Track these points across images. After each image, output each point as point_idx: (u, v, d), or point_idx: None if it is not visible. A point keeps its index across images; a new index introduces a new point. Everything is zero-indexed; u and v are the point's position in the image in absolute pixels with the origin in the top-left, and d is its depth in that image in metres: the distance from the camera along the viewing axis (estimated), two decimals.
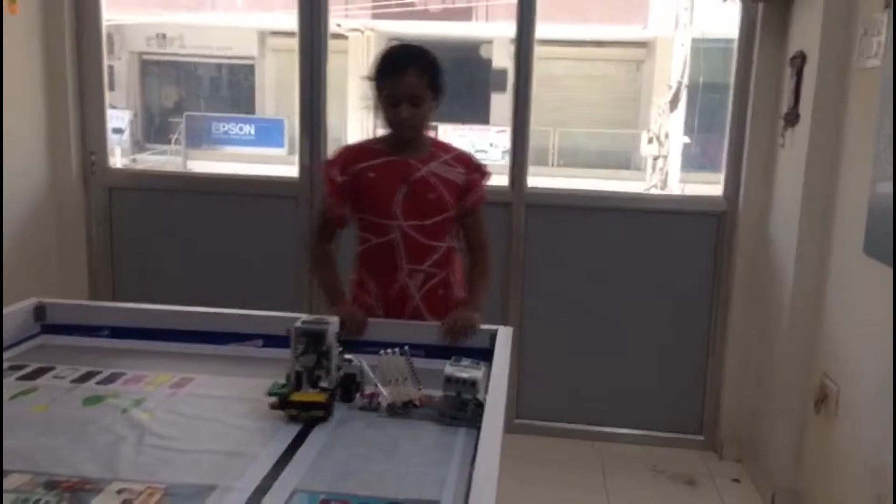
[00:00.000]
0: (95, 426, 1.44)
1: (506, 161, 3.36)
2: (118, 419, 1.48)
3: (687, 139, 8.39)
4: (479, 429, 1.46)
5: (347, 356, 1.60)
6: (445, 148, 2.11)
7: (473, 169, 2.11)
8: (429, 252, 2.06)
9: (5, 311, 1.93)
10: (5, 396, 1.57)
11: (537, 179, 3.24)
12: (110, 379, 1.69)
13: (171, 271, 3.35)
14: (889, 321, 2.10)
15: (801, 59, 2.68)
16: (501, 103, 5.00)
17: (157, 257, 3.37)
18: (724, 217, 3.10)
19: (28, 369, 1.72)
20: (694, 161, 3.76)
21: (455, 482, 1.28)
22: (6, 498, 1.17)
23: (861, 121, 2.38)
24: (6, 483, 1.21)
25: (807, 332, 2.67)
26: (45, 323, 1.99)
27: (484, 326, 1.94)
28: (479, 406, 1.53)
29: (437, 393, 1.56)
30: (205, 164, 3.96)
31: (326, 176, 2.07)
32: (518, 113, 3.13)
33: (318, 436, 1.44)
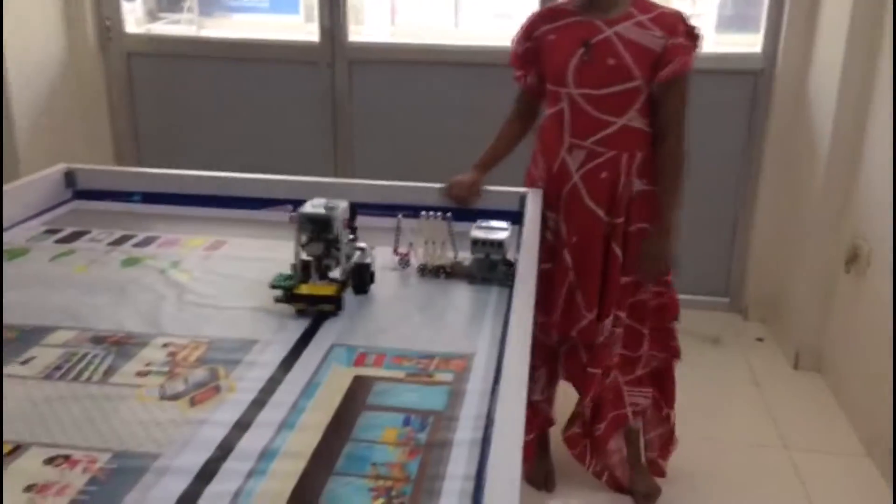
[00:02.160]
0: (136, 285, 1.47)
1: None
2: (157, 279, 1.51)
3: None
4: (510, 287, 1.48)
5: (360, 244, 1.48)
6: (647, 7, 1.79)
7: (676, 32, 1.76)
8: (596, 127, 1.81)
9: (33, 176, 1.95)
10: (44, 258, 1.60)
11: None
12: (145, 242, 1.71)
13: (193, 136, 3.33)
14: None
15: None
16: None
17: (179, 123, 3.34)
18: (761, 75, 2.98)
19: (64, 233, 1.75)
20: (730, 22, 3.57)
21: (489, 337, 1.30)
22: (56, 352, 1.21)
23: None
24: (53, 339, 1.25)
25: (841, 192, 2.63)
26: (76, 189, 2.00)
27: (512, 189, 1.92)
28: (509, 265, 1.54)
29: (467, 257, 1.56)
30: (218, 34, 3.85)
31: (513, 44, 1.93)
32: None
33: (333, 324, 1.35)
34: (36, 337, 1.25)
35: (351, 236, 1.45)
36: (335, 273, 1.39)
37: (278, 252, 1.62)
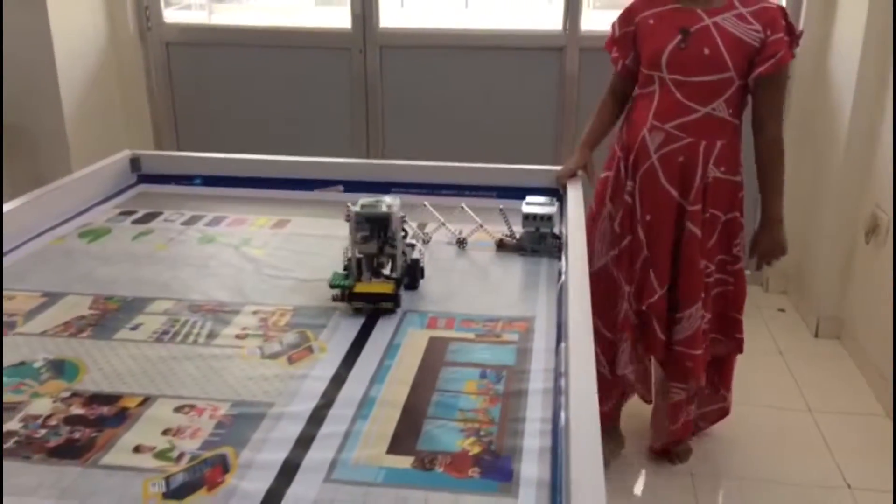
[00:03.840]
0: (216, 260, 1.60)
1: (541, 5, 3.34)
2: (234, 254, 1.64)
3: None
4: (558, 258, 1.60)
5: (410, 241, 1.51)
6: (748, 0, 1.82)
7: (777, 27, 1.79)
8: (679, 112, 1.86)
9: (102, 162, 2.07)
10: (127, 237, 1.73)
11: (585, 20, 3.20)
12: (215, 222, 1.84)
13: (230, 123, 3.45)
14: None
15: None
16: None
17: (216, 108, 3.46)
18: None
19: (138, 214, 1.88)
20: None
21: (546, 302, 1.43)
22: (160, 319, 1.34)
23: None
24: (154, 307, 1.38)
25: (861, 165, 2.73)
26: (140, 173, 2.13)
27: (552, 168, 2.03)
28: (556, 238, 1.67)
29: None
30: (229, 18, 3.93)
31: (612, 27, 2.00)
32: None
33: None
34: (138, 306, 1.38)
35: (402, 233, 1.46)
36: (386, 270, 1.40)
37: (339, 230, 1.74)
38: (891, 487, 2.12)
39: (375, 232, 1.37)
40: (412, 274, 1.46)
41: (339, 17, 3.38)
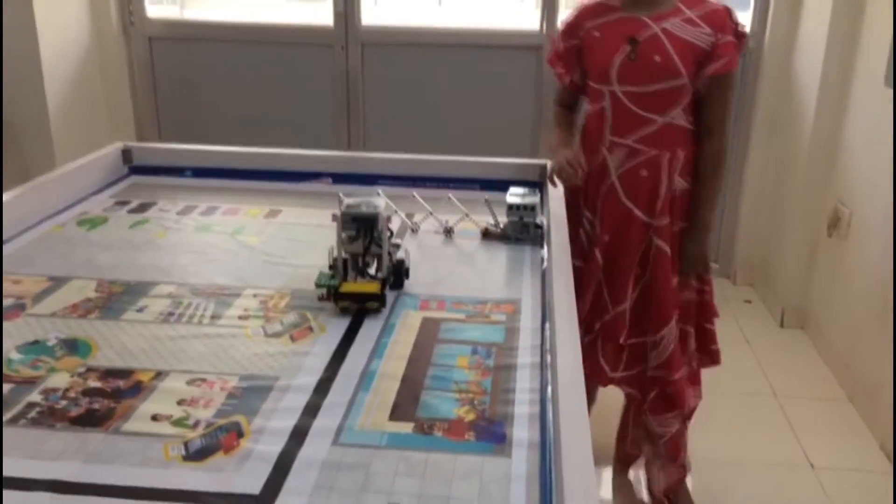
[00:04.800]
0: (213, 248, 1.67)
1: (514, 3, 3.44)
2: (230, 242, 1.70)
3: None
4: (540, 245, 1.69)
5: (396, 241, 1.53)
6: (694, 2, 1.76)
7: (725, 29, 1.73)
8: (638, 124, 1.78)
9: (95, 154, 2.12)
10: (124, 225, 1.78)
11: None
12: (209, 211, 1.90)
13: (212, 117, 3.50)
14: None
15: None
16: None
17: (198, 103, 3.51)
18: (751, 52, 3.20)
19: (133, 204, 1.93)
20: None
21: (530, 285, 1.52)
22: (164, 301, 1.40)
23: None
24: (157, 291, 1.45)
25: (824, 161, 2.86)
26: (132, 165, 2.18)
27: (533, 161, 2.12)
28: (538, 227, 1.75)
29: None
30: (202, 12, 3.94)
31: (553, 42, 1.92)
32: None
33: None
34: (141, 290, 1.45)
35: (388, 233, 1.47)
36: (372, 270, 1.42)
37: (329, 220, 1.80)
38: (851, 466, 2.25)
39: (362, 232, 1.39)
40: (397, 273, 1.48)
41: (316, 13, 3.44)
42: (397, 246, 1.52)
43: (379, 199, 1.46)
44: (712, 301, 1.99)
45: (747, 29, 1.79)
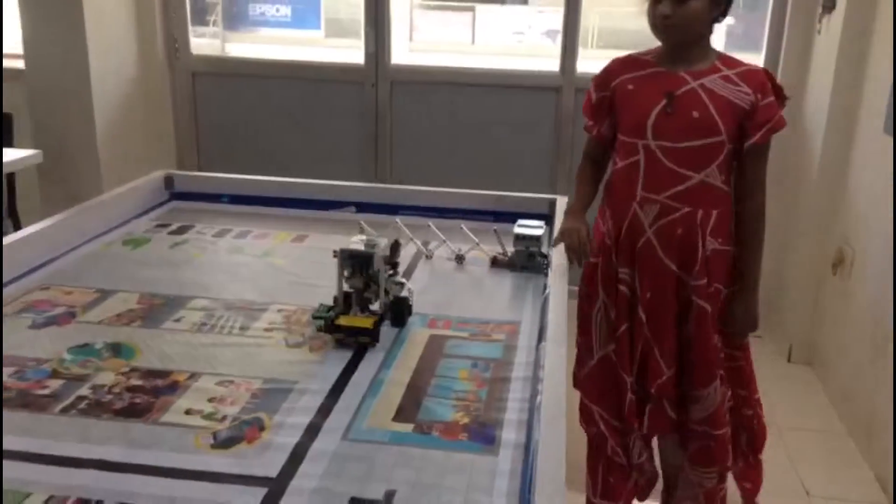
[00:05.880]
0: (244, 267, 1.83)
1: (545, 42, 3.61)
2: (259, 262, 1.87)
3: (731, 20, 8.36)
4: (545, 275, 1.83)
5: (399, 279, 1.57)
6: (733, 62, 1.73)
7: (765, 90, 1.69)
8: (672, 180, 1.71)
9: (140, 180, 2.31)
10: (164, 246, 1.96)
11: (580, 63, 3.46)
12: (241, 235, 2.07)
13: (249, 148, 3.69)
14: None
15: None
16: None
17: (236, 135, 3.71)
18: None
19: (173, 227, 2.11)
20: (736, 42, 3.90)
21: (531, 310, 1.65)
22: (199, 313, 1.56)
23: (891, 12, 2.57)
24: (193, 304, 1.61)
25: (829, 202, 2.96)
26: (173, 191, 2.36)
27: (540, 196, 2.26)
28: (544, 257, 1.89)
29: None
30: (242, 47, 4.16)
31: (587, 93, 1.86)
32: None
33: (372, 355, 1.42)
34: (180, 302, 1.61)
35: (391, 272, 1.52)
36: (375, 305, 1.49)
37: (350, 246, 1.97)
38: (848, 497, 2.32)
39: (358, 269, 1.46)
40: (398, 311, 1.52)
41: (350, 51, 3.64)
42: (401, 284, 1.56)
43: (383, 240, 1.52)
44: (750, 370, 1.95)
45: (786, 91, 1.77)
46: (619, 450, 1.89)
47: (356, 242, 1.49)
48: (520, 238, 1.88)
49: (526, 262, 1.89)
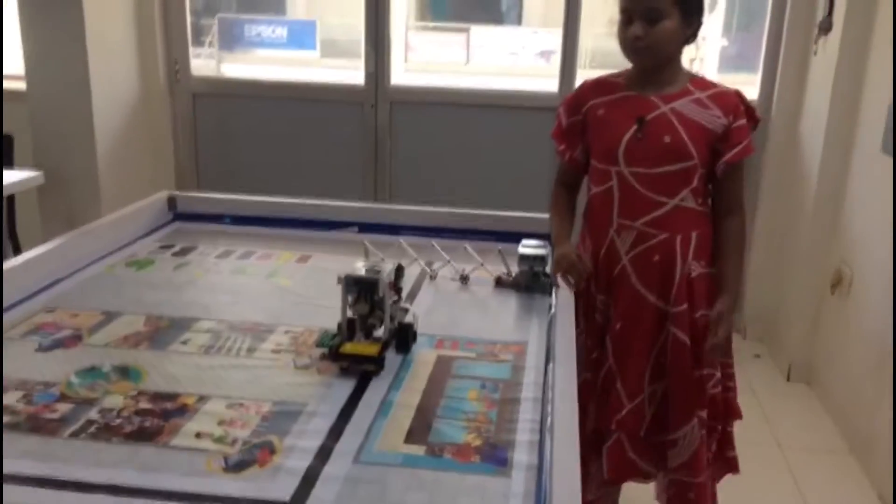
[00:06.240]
0: (248, 289, 1.83)
1: (539, 63, 3.64)
2: (264, 283, 1.87)
3: (725, 41, 8.44)
4: (549, 295, 1.83)
5: (404, 305, 1.55)
6: (704, 84, 1.72)
7: (737, 113, 1.69)
8: (647, 207, 1.71)
9: (143, 202, 2.31)
10: (168, 267, 1.95)
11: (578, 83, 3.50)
12: (245, 255, 2.06)
13: (248, 169, 3.71)
14: None
15: None
16: (534, 3, 5.11)
17: (236, 156, 3.73)
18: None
19: (176, 248, 2.10)
20: (731, 62, 3.94)
21: (537, 330, 1.65)
22: (205, 335, 1.56)
23: (887, 31, 2.61)
24: (198, 326, 1.60)
25: (827, 223, 2.99)
26: (176, 212, 2.36)
27: (544, 216, 2.26)
28: (547, 277, 1.89)
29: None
30: (238, 68, 4.19)
31: (557, 117, 1.85)
32: (569, 14, 3.35)
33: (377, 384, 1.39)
34: (185, 324, 1.60)
35: (395, 297, 1.50)
36: (379, 332, 1.45)
37: (355, 266, 1.97)
38: None
39: (363, 295, 1.43)
40: (403, 337, 1.49)
41: (347, 72, 3.67)
42: (406, 310, 1.54)
43: (388, 265, 1.51)
44: (735, 400, 1.90)
45: (757, 111, 1.77)
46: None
47: (360, 269, 1.47)
48: (524, 258, 1.89)
49: (530, 281, 1.89)
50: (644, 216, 1.72)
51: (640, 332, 1.76)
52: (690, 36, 1.69)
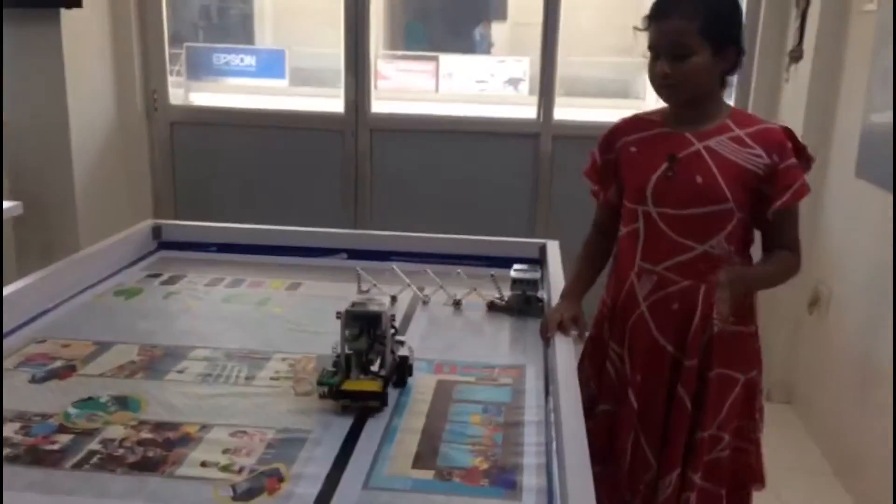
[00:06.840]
0: (242, 316, 1.82)
1: (507, 91, 3.69)
2: (256, 311, 1.86)
3: None
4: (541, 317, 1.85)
5: (399, 338, 1.51)
6: (746, 120, 1.60)
7: (783, 152, 1.54)
8: (672, 250, 1.60)
9: (128, 231, 2.29)
10: (158, 296, 1.94)
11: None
12: (235, 283, 2.05)
13: (227, 199, 3.69)
14: (875, 236, 2.48)
15: (805, 0, 2.98)
16: (500, 32, 5.18)
17: (214, 184, 3.71)
18: None
19: (164, 276, 2.08)
20: None
21: (533, 353, 1.66)
22: (202, 364, 1.54)
23: (858, 60, 2.70)
24: (194, 354, 1.59)
25: (804, 244, 3.03)
26: (160, 240, 2.34)
27: (534, 240, 2.29)
28: (539, 301, 1.91)
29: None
30: (207, 97, 4.21)
31: (591, 155, 1.76)
32: (547, 42, 3.41)
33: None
34: (180, 353, 1.59)
35: (393, 330, 1.46)
36: (375, 367, 1.40)
37: (347, 292, 1.96)
38: None
39: (365, 330, 1.39)
40: (400, 371, 1.47)
41: (317, 100, 3.68)
42: (401, 343, 1.51)
43: (385, 298, 1.50)
44: (754, 464, 1.80)
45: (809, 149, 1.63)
46: None
47: (358, 303, 1.42)
48: (517, 282, 1.90)
49: (523, 305, 1.91)
50: (667, 260, 1.61)
51: (658, 386, 1.66)
52: (729, 68, 1.58)
